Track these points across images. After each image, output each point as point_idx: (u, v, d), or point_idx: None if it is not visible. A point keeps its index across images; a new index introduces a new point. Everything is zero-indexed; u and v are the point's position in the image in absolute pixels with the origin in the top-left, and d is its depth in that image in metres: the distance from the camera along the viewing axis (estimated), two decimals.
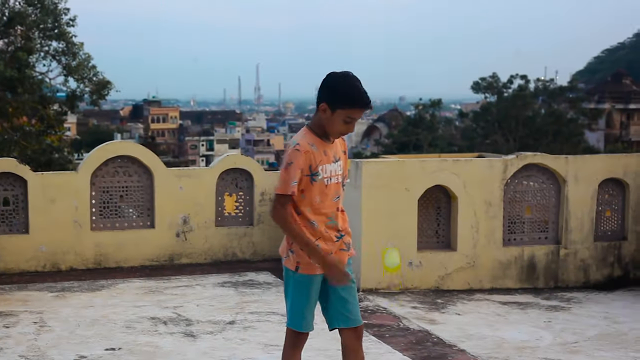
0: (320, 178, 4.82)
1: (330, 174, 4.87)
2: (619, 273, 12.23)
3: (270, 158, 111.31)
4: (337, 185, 4.94)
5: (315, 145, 4.82)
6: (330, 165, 4.87)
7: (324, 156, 4.83)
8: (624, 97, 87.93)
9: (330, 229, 4.97)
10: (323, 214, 4.90)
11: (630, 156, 12.82)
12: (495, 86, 63.36)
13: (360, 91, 4.75)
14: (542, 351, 8.43)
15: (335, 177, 4.90)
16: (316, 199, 4.87)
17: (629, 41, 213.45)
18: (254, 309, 9.72)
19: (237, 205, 12.89)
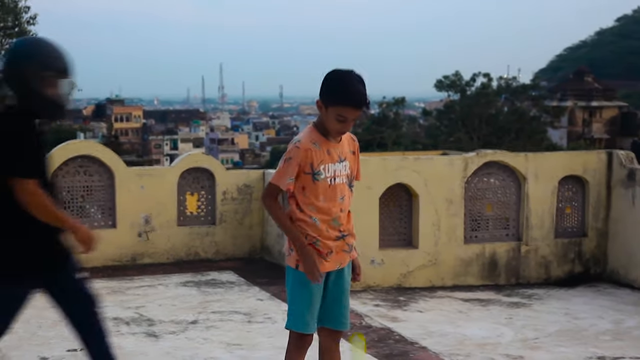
0: (323, 177, 4.71)
1: (334, 174, 4.75)
2: (579, 269, 12.34)
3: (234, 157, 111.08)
4: (343, 185, 4.80)
5: (319, 144, 4.71)
6: (335, 165, 4.75)
7: (327, 155, 4.72)
8: (586, 95, 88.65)
9: (332, 229, 4.87)
10: (326, 213, 4.79)
11: (590, 153, 12.93)
12: (459, 84, 63.69)
13: (353, 90, 4.63)
14: (503, 347, 8.49)
15: (340, 177, 4.77)
16: (320, 198, 4.76)
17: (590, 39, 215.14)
18: (217, 309, 9.70)
19: (199, 205, 12.85)
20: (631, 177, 11.92)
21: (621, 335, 9.26)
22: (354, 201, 10.94)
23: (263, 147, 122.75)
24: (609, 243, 12.36)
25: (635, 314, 10.23)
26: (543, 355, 8.26)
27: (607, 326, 9.68)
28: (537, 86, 68.60)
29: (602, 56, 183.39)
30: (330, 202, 4.76)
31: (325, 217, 4.76)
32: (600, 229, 12.39)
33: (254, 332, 8.75)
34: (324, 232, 4.81)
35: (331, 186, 4.72)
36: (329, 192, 4.72)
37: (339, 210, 4.79)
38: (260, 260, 12.90)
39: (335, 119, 4.61)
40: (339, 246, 4.89)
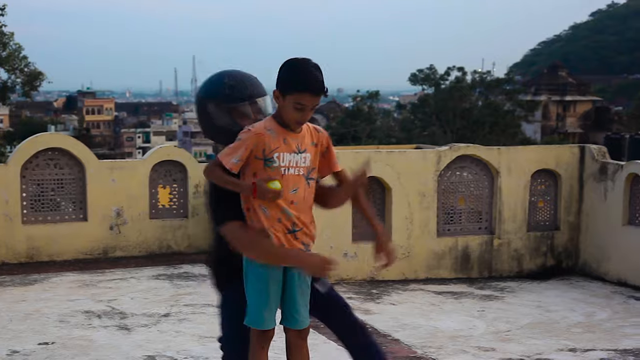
0: (276, 165, 4.48)
1: (288, 164, 4.52)
2: (551, 262, 12.39)
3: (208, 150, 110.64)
4: (298, 177, 4.55)
5: (274, 131, 4.51)
6: (291, 155, 4.52)
7: (283, 144, 4.50)
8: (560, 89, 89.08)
9: (285, 220, 4.75)
10: (277, 203, 4.68)
11: (563, 147, 13.00)
12: (433, 78, 63.81)
13: (309, 77, 4.47)
14: (475, 340, 8.51)
15: (295, 169, 4.52)
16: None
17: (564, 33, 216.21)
18: (189, 302, 9.68)
19: (171, 198, 12.81)
20: (603, 172, 11.97)
21: (592, 327, 9.31)
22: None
23: None
24: (581, 236, 12.42)
25: (606, 307, 10.29)
26: (515, 347, 8.29)
27: (578, 319, 9.73)
28: (511, 80, 68.83)
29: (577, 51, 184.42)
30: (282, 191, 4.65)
31: (273, 205, 4.63)
32: (573, 223, 12.45)
33: None
34: (276, 222, 4.68)
35: (284, 176, 4.60)
36: (281, 181, 4.61)
37: (289, 202, 4.66)
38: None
39: (293, 108, 4.44)
40: (291, 241, 4.75)
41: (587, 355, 8.09)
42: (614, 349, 8.29)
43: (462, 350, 8.14)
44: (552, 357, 7.99)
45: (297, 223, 4.61)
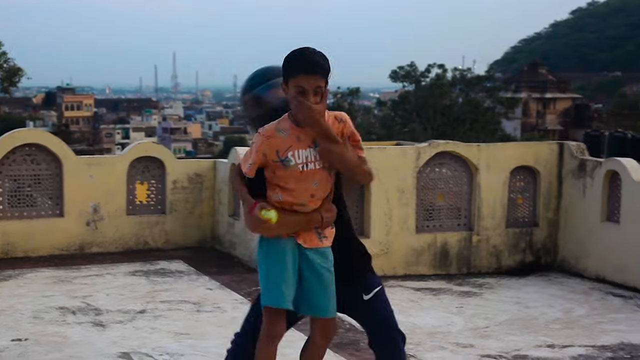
0: (293, 164, 4.41)
1: (305, 160, 4.42)
2: (530, 259, 12.38)
3: (187, 146, 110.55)
4: (318, 171, 4.44)
5: (286, 130, 4.43)
6: (307, 150, 4.43)
7: (297, 142, 4.41)
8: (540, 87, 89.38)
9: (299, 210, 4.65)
10: (292, 195, 4.53)
11: (541, 144, 13.01)
12: (413, 75, 63.84)
13: (301, 58, 4.39)
14: (453, 336, 8.50)
15: (314, 163, 4.42)
16: (289, 182, 4.45)
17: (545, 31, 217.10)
18: (165, 298, 9.62)
19: (149, 194, 12.74)
20: (582, 168, 11.97)
21: (571, 323, 9.31)
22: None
23: (216, 137, 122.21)
24: (560, 233, 12.42)
25: (584, 303, 10.29)
26: (493, 343, 8.27)
27: (557, 315, 9.73)
28: (492, 77, 68.90)
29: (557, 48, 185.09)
30: (300, 185, 4.46)
31: (290, 198, 4.55)
32: (551, 219, 12.44)
33: (202, 321, 8.70)
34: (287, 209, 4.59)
35: (303, 172, 4.43)
36: (301, 177, 4.44)
37: (308, 195, 4.55)
38: (210, 249, 12.82)
39: (296, 94, 4.34)
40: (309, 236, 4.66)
41: (565, 351, 8.09)
42: (592, 345, 8.31)
43: (440, 347, 8.12)
44: (530, 353, 7.99)
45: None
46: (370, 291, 4.86)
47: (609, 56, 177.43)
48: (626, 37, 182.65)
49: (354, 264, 4.86)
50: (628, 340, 8.47)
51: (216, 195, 12.87)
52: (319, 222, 4.51)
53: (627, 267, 11.13)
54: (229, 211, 12.49)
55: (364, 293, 4.85)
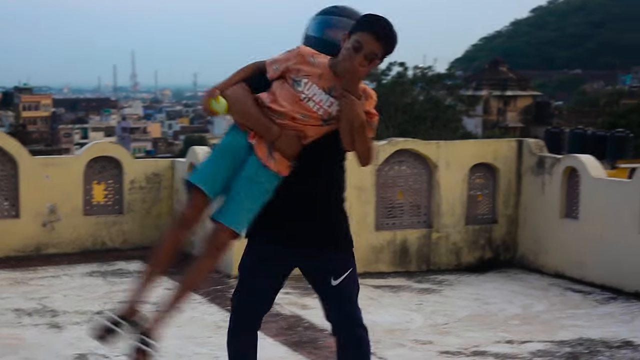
0: (300, 89, 4.31)
1: (312, 96, 4.31)
2: (489, 255, 12.41)
3: (147, 146, 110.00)
4: (313, 112, 4.33)
5: (318, 63, 4.33)
6: (319, 90, 4.32)
7: (317, 77, 4.32)
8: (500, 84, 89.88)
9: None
10: (279, 107, 4.34)
11: (500, 142, 13.06)
12: (374, 73, 63.91)
13: (380, 21, 4.27)
14: (413, 333, 8.49)
15: (316, 105, 4.32)
16: (283, 103, 4.35)
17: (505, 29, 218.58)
18: (123, 299, 9.51)
19: (106, 194, 12.62)
20: (541, 165, 12.02)
21: (530, 319, 9.35)
22: None
23: (176, 136, 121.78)
24: (519, 229, 12.46)
25: (543, 299, 10.34)
26: (452, 340, 8.29)
27: (516, 311, 9.76)
28: (453, 75, 69.11)
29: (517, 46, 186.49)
30: (291, 107, 4.35)
31: (275, 106, 4.35)
32: (511, 216, 12.48)
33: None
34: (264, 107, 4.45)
35: (301, 102, 4.32)
36: (296, 103, 4.33)
37: (290, 117, 4.33)
38: None
39: (352, 45, 4.22)
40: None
41: (524, 346, 8.13)
42: (550, 341, 8.36)
43: (399, 344, 8.11)
44: (489, 349, 8.01)
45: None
46: (338, 277, 4.69)
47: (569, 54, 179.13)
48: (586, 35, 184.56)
49: (330, 231, 4.69)
50: (587, 336, 8.52)
51: (174, 195, 12.79)
52: (274, 135, 4.37)
53: (585, 263, 11.20)
54: None
55: (333, 277, 4.69)
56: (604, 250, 10.90)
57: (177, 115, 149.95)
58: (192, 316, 8.78)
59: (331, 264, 4.67)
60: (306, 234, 4.61)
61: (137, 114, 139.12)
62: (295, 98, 4.34)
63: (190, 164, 12.20)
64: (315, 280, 4.77)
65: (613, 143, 39.75)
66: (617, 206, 10.74)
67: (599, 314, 9.66)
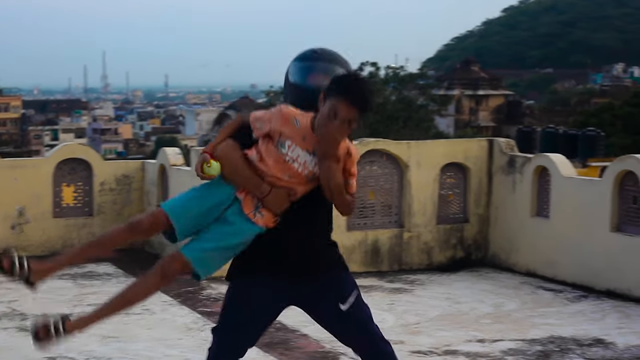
0: (283, 152, 4.35)
1: (296, 158, 4.35)
2: (461, 255, 12.43)
3: (118, 147, 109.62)
4: (298, 173, 4.36)
5: (301, 124, 4.37)
6: (303, 151, 4.35)
7: (300, 139, 4.36)
8: (472, 84, 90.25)
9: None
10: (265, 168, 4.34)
11: (471, 141, 13.10)
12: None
13: (354, 87, 4.34)
14: (384, 333, 8.36)
15: (301, 166, 4.35)
16: (268, 160, 4.36)
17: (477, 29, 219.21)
18: (93, 301, 9.46)
19: (76, 196, 12.57)
20: (511, 164, 12.05)
21: (501, 318, 9.37)
22: None
23: (148, 137, 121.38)
24: (490, 228, 12.49)
25: (515, 297, 10.36)
26: (424, 339, 8.29)
27: (487, 310, 9.78)
28: (425, 75, 69.25)
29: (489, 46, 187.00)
30: (276, 166, 4.36)
31: (262, 166, 4.36)
32: (482, 215, 12.51)
33: (131, 324, 8.61)
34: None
35: (286, 163, 4.35)
36: (281, 163, 4.34)
37: (277, 176, 4.34)
38: (140, 251, 12.64)
39: (327, 113, 4.29)
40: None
41: (495, 345, 8.15)
42: (522, 339, 8.38)
43: None
44: (460, 348, 8.02)
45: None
46: (346, 299, 4.54)
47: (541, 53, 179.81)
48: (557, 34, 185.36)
49: (321, 254, 4.58)
50: (558, 334, 8.56)
51: (145, 197, 12.74)
52: (264, 193, 4.36)
53: (556, 261, 11.24)
54: None
55: (340, 302, 4.53)
56: (574, 249, 10.95)
57: (149, 116, 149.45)
58: (163, 318, 8.76)
59: (332, 288, 4.57)
60: (296, 264, 4.49)
61: (108, 115, 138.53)
62: (279, 159, 4.36)
63: (160, 165, 12.16)
64: (323, 312, 4.62)
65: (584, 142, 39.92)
66: (588, 205, 10.79)
67: (570, 312, 9.70)
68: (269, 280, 4.49)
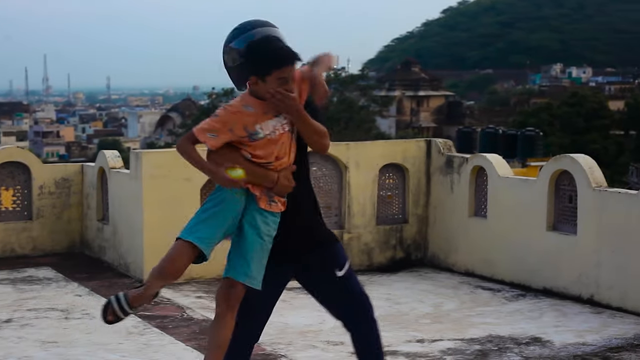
0: (262, 136, 4.61)
1: (273, 129, 4.64)
2: (401, 255, 12.52)
3: (60, 150, 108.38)
4: (281, 135, 4.67)
5: (253, 107, 4.61)
6: (273, 120, 4.64)
7: (263, 115, 4.61)
8: (413, 85, 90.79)
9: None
10: (261, 158, 4.66)
11: (409, 142, 13.17)
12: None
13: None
14: (325, 334, 8.52)
15: (280, 128, 4.66)
16: (257, 151, 4.65)
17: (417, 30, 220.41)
18: (33, 306, 9.42)
19: (14, 200, 12.44)
20: (449, 165, 12.16)
21: (440, 318, 9.44)
22: (175, 193, 10.81)
23: (90, 140, 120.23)
24: (429, 229, 12.59)
25: (454, 297, 10.45)
26: None
27: (427, 310, 9.86)
28: (366, 76, 69.59)
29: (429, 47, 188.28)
30: (267, 150, 4.66)
31: (258, 159, 4.65)
32: (421, 215, 12.60)
33: (71, 328, 8.57)
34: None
35: (271, 139, 4.65)
36: (268, 143, 4.65)
37: (274, 157, 4.67)
38: (79, 255, 12.60)
39: (278, 85, 4.54)
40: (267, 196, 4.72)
41: (434, 345, 8.21)
42: (460, 339, 8.44)
43: (311, 346, 8.15)
44: (400, 348, 8.07)
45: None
46: (343, 267, 5.07)
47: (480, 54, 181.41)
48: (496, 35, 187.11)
49: (324, 229, 5.07)
50: (496, 333, 8.63)
51: (84, 200, 12.66)
52: (273, 181, 4.66)
53: (494, 261, 11.37)
54: (97, 215, 12.30)
55: (337, 269, 5.04)
56: (512, 248, 11.08)
57: (91, 119, 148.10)
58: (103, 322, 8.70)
59: (329, 259, 5.05)
60: (297, 242, 4.93)
61: (49, 118, 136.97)
62: (263, 142, 4.62)
63: (99, 168, 12.09)
64: (320, 281, 5.16)
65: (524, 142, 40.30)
66: (524, 204, 10.93)
67: (508, 311, 9.80)
68: (278, 256, 4.88)
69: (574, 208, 10.33)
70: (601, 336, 8.46)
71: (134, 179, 10.87)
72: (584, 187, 10.05)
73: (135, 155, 10.90)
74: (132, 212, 11.11)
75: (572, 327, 8.93)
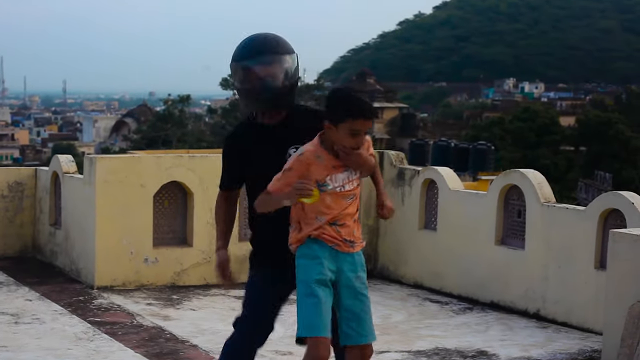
0: (330, 188, 4.79)
1: (342, 183, 4.82)
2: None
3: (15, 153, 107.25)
4: (354, 189, 4.91)
5: (323, 158, 4.78)
6: (342, 174, 4.82)
7: (332, 169, 4.78)
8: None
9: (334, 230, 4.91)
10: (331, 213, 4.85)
11: None
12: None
13: (360, 102, 4.72)
14: (273, 344, 8.52)
15: (349, 183, 4.86)
16: (326, 202, 4.83)
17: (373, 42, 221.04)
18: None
19: None
20: (401, 177, 12.27)
21: (388, 329, 9.47)
22: (128, 199, 10.83)
23: (45, 143, 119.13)
24: (380, 240, 12.66)
25: (402, 309, 10.52)
26: None
27: (375, 321, 9.85)
28: (321, 86, 69.84)
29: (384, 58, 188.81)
30: (337, 202, 4.84)
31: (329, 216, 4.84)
32: (372, 227, 12.68)
33: (20, 333, 8.55)
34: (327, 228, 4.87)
35: (340, 193, 4.83)
36: (338, 196, 4.83)
37: (343, 211, 4.87)
38: (31, 259, 12.54)
39: (349, 135, 4.69)
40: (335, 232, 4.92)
41: (381, 357, 8.23)
42: (407, 350, 8.50)
43: (259, 355, 8.15)
44: None
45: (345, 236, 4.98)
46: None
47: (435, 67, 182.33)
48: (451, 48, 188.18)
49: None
50: (442, 345, 8.72)
51: (37, 204, 12.63)
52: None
53: (443, 274, 11.47)
54: (50, 220, 12.27)
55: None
56: (460, 261, 11.20)
57: (46, 123, 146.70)
58: (53, 327, 8.72)
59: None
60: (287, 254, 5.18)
61: (4, 121, 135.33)
62: (332, 194, 4.81)
63: (53, 172, 12.07)
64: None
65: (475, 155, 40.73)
66: (474, 218, 11.05)
67: (456, 324, 9.89)
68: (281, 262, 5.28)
69: (522, 223, 10.46)
70: (546, 350, 8.58)
71: (87, 184, 10.88)
72: (533, 202, 10.20)
73: (89, 160, 10.91)
74: (84, 217, 11.11)
75: (518, 341, 9.03)
